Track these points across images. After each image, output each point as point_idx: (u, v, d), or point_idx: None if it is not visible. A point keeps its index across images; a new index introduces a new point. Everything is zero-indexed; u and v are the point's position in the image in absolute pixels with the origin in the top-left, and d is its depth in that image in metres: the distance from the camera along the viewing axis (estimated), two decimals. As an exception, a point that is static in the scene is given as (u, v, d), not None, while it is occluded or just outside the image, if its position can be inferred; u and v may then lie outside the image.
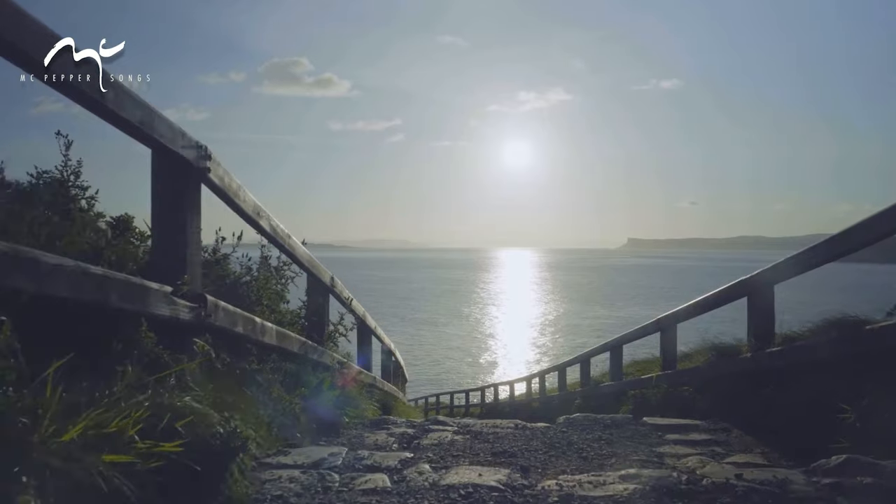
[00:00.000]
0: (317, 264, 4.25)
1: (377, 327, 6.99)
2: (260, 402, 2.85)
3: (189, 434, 1.83)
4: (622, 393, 7.76)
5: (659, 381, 6.14)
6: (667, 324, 6.26)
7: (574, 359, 10.72)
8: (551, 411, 11.79)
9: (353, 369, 5.36)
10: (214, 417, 1.97)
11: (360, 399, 4.95)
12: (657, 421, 4.27)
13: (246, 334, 2.85)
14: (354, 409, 4.12)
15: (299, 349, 3.70)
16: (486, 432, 3.92)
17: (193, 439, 1.80)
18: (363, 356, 6.70)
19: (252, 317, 2.94)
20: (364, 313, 6.09)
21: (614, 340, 8.10)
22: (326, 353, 4.36)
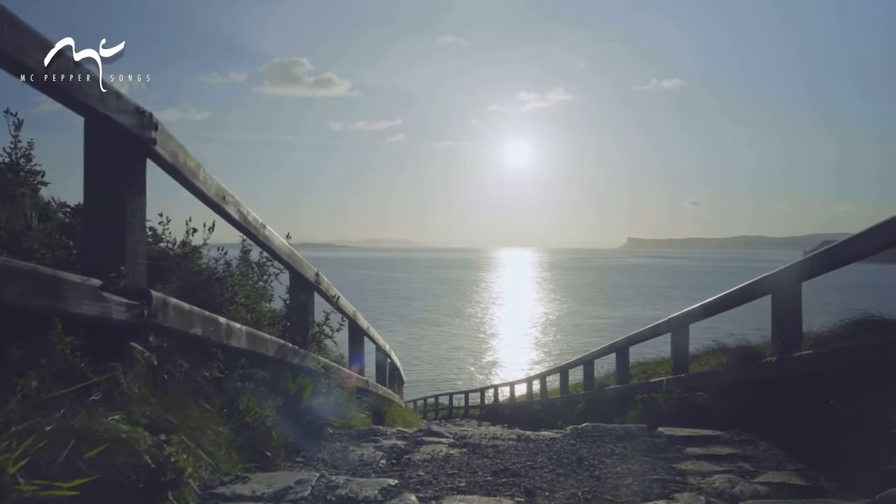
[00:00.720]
0: (298, 259, 3.85)
1: (370, 327, 6.59)
2: (222, 417, 2.45)
3: (105, 466, 1.42)
4: (629, 397, 7.36)
5: (670, 385, 5.74)
6: (679, 324, 5.86)
7: (577, 360, 10.32)
8: (553, 414, 11.39)
9: (343, 373, 4.96)
10: (143, 443, 1.56)
11: (348, 406, 4.55)
12: (674, 432, 3.87)
13: (206, 337, 2.45)
14: (340, 419, 3.72)
15: (276, 353, 3.30)
16: (486, 445, 3.52)
17: (107, 474, 1.40)
18: (355, 358, 6.30)
19: (214, 317, 2.54)
20: (355, 312, 5.70)
21: (621, 341, 7.70)
22: (310, 356, 3.96)
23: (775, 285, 4.13)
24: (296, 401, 3.43)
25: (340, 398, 4.29)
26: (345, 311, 5.13)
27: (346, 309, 5.24)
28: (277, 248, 3.44)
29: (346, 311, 5.21)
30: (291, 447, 3.09)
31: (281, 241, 3.52)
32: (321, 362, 4.15)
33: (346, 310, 5.24)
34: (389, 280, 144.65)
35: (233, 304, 3.58)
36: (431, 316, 75.46)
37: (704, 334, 7.89)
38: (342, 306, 5.01)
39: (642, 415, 6.12)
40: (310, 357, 3.98)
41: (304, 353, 3.86)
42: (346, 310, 5.24)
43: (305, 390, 3.52)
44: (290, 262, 3.72)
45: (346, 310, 5.24)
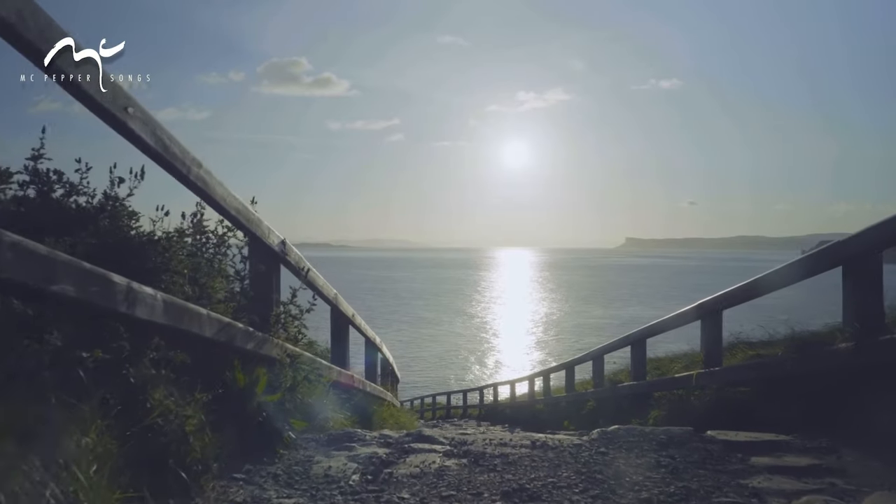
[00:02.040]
0: (255, 219, 3.05)
1: (356, 315, 5.79)
2: (110, 419, 1.65)
3: None
4: (646, 395, 6.58)
5: (702, 380, 4.95)
6: (711, 309, 5.06)
7: (585, 355, 9.52)
8: (558, 414, 10.59)
9: (318, 365, 4.15)
10: None
11: (323, 404, 3.75)
12: (728, 436, 3.07)
13: (86, 300, 1.66)
14: (303, 422, 2.91)
15: (217, 334, 2.50)
16: (491, 454, 2.72)
17: None
18: (338, 350, 5.50)
19: (100, 272, 1.75)
20: (336, 296, 4.89)
21: (637, 332, 6.90)
22: (271, 341, 3.16)
23: (848, 255, 3.34)
24: (245, 397, 2.63)
25: (312, 394, 3.49)
26: (321, 292, 4.33)
27: (324, 290, 4.44)
28: (220, 198, 2.64)
29: (323, 291, 4.41)
30: (232, 459, 2.29)
31: (227, 191, 2.72)
32: (286, 349, 3.35)
33: (323, 290, 4.43)
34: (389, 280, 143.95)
35: (166, 272, 2.78)
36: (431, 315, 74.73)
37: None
38: (318, 285, 4.20)
39: (668, 415, 5.33)
40: (271, 342, 3.17)
41: (262, 338, 3.06)
42: (323, 290, 4.43)
43: (259, 383, 2.72)
44: (242, 222, 2.93)
45: (323, 290, 4.43)
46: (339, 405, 4.85)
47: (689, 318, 5.44)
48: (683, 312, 5.52)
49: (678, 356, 10.29)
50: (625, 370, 11.20)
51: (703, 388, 4.93)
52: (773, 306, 8.96)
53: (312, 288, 4.10)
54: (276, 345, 3.27)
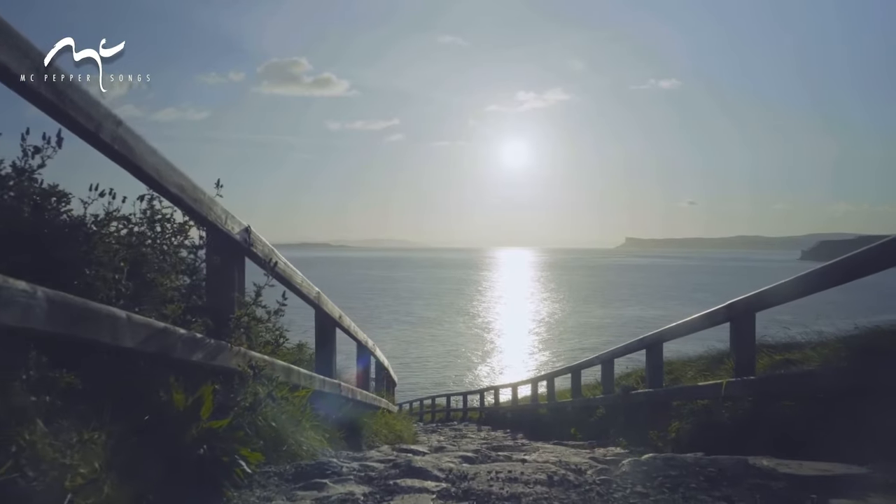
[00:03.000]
0: (206, 200, 2.46)
1: (344, 317, 5.20)
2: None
3: None
4: (664, 404, 5.99)
5: (733, 390, 4.36)
6: (743, 311, 4.48)
7: (594, 358, 8.94)
8: (563, 420, 10.01)
9: (296, 376, 3.57)
10: None
11: (298, 422, 3.16)
12: (791, 468, 2.48)
13: None
14: (258, 455, 2.31)
15: (144, 343, 1.92)
16: (499, 495, 2.13)
17: None
18: (323, 356, 4.91)
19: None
20: (319, 295, 4.31)
21: (653, 335, 6.32)
22: (228, 349, 2.58)
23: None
24: (182, 424, 2.04)
25: (282, 412, 2.91)
26: (299, 290, 3.75)
27: (303, 288, 3.85)
28: (152, 169, 2.02)
29: (302, 290, 3.82)
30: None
31: (163, 161, 2.12)
32: (250, 359, 2.77)
33: (303, 289, 3.85)
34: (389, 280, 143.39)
35: (90, 264, 2.20)
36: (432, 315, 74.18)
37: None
38: (295, 282, 3.61)
39: (693, 429, 4.75)
40: (228, 352, 2.59)
41: (214, 346, 2.47)
42: (303, 289, 3.85)
43: (203, 405, 2.13)
44: (188, 203, 2.33)
45: (303, 289, 3.85)
46: (325, 419, 4.28)
47: (716, 320, 4.85)
48: (711, 313, 4.93)
49: (692, 359, 9.70)
50: (633, 374, 10.63)
51: (736, 399, 4.35)
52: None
53: (288, 285, 3.52)
54: (236, 354, 2.68)
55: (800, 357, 6.12)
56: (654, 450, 5.47)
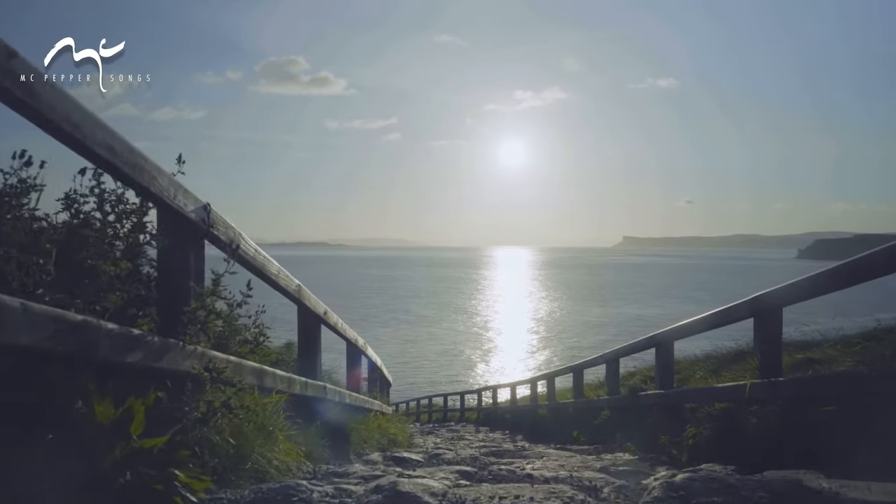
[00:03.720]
0: (148, 168, 2.02)
1: (330, 312, 4.76)
2: None
3: None
4: (677, 407, 5.58)
5: (759, 392, 3.94)
6: (769, 306, 4.05)
7: (597, 357, 8.51)
8: (565, 421, 9.59)
9: (270, 379, 3.14)
10: None
11: (269, 433, 2.72)
12: (859, 492, 2.05)
13: None
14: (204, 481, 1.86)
15: (49, 339, 1.49)
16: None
17: None
18: (306, 356, 4.47)
19: None
20: (300, 288, 3.86)
21: (664, 333, 5.90)
22: (177, 349, 2.15)
23: None
24: (106, 442, 1.61)
25: (246, 422, 2.47)
26: (275, 281, 3.31)
27: (280, 279, 3.41)
28: (64, 119, 1.60)
29: (278, 281, 3.38)
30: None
31: (85, 114, 1.69)
32: (208, 360, 2.33)
33: (280, 280, 3.41)
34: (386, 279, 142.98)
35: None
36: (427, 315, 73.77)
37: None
38: (269, 272, 3.17)
39: (713, 435, 4.32)
40: (178, 351, 2.16)
41: (160, 344, 2.04)
42: (280, 280, 3.41)
43: (134, 418, 1.69)
44: (122, 169, 1.89)
45: (280, 280, 3.41)
46: (306, 426, 3.84)
47: (737, 316, 4.42)
48: (731, 308, 4.50)
49: (699, 359, 9.28)
50: (638, 374, 10.21)
51: (763, 403, 3.92)
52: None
53: (260, 275, 3.08)
54: (190, 354, 2.25)
55: (820, 356, 5.70)
56: (668, 457, 5.05)
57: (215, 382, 2.28)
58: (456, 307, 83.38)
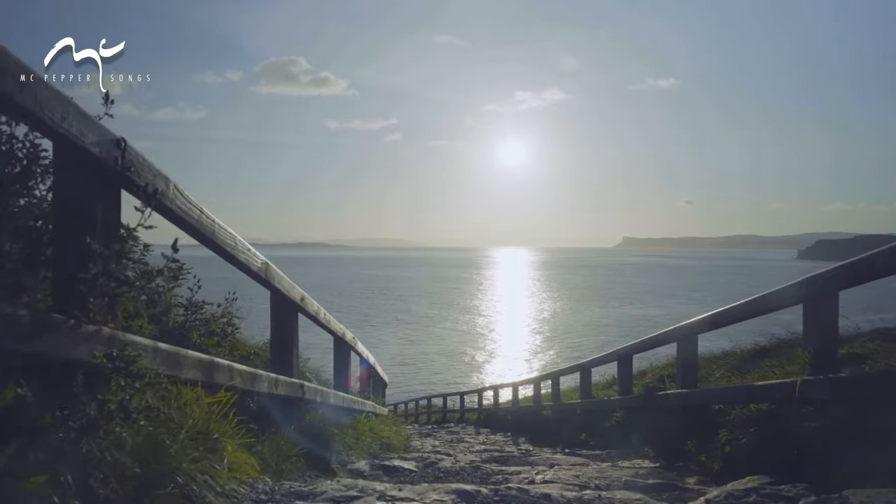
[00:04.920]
0: (37, 85, 1.42)
1: (309, 299, 4.12)
2: None
3: None
4: (702, 409, 4.96)
5: (814, 391, 3.31)
6: (823, 290, 3.43)
7: (608, 354, 7.88)
8: (572, 423, 8.96)
9: (222, 371, 2.52)
10: None
11: (200, 443, 2.09)
12: None
13: None
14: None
15: None
16: None
17: None
18: (281, 349, 3.83)
19: None
20: (267, 267, 3.23)
21: (685, 326, 5.27)
22: (69, 327, 1.54)
23: None
24: None
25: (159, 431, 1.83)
26: (231, 253, 2.68)
27: (236, 252, 2.79)
28: None
29: (236, 255, 2.76)
30: None
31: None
32: (117, 341, 1.71)
33: (236, 253, 2.78)
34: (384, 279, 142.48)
35: None
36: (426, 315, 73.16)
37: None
38: (221, 240, 2.55)
39: (755, 442, 3.69)
40: (69, 332, 1.54)
41: (31, 321, 1.42)
42: (236, 253, 2.78)
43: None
44: None
45: (236, 253, 2.78)
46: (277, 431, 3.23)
47: (785, 301, 3.78)
48: (775, 293, 3.86)
49: (716, 356, 8.65)
50: (649, 372, 9.59)
51: (817, 403, 3.30)
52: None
53: (204, 240, 2.46)
54: (88, 337, 1.62)
55: (862, 350, 5.11)
56: (697, 465, 4.43)
57: (121, 374, 1.65)
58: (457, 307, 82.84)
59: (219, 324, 4.12)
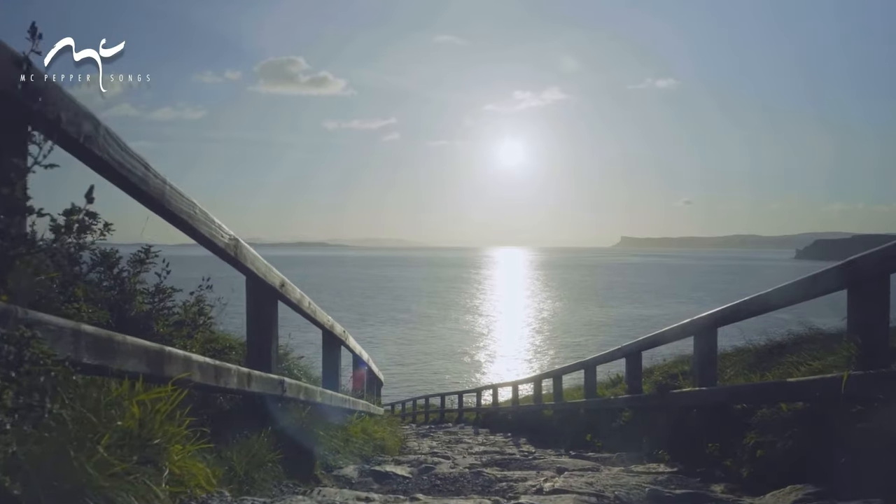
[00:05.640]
0: None
1: (290, 285, 3.68)
2: None
3: None
4: (721, 407, 4.54)
5: (860, 387, 2.89)
6: (870, 273, 3.02)
7: (615, 350, 7.45)
8: (575, 423, 8.54)
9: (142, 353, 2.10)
10: None
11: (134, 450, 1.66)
12: None
13: None
14: None
15: None
16: None
17: None
18: (258, 341, 3.40)
19: None
20: (237, 243, 2.80)
21: (705, 318, 4.84)
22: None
23: None
24: None
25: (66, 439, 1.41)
26: (191, 225, 2.26)
27: (197, 223, 2.36)
28: None
29: (195, 225, 2.34)
30: None
31: None
32: (13, 321, 1.29)
33: (196, 225, 2.36)
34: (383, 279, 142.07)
35: None
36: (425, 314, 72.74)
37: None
38: (175, 205, 2.12)
39: (794, 446, 3.27)
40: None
41: None
42: (196, 225, 2.36)
43: None
44: None
45: (196, 225, 2.36)
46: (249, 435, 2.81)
47: (826, 286, 3.35)
48: (812, 278, 3.43)
49: (727, 353, 8.23)
50: (657, 370, 9.15)
51: (867, 402, 2.88)
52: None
53: (157, 206, 2.03)
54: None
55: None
56: (722, 471, 4.00)
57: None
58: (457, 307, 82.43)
59: (190, 313, 3.70)
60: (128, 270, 3.52)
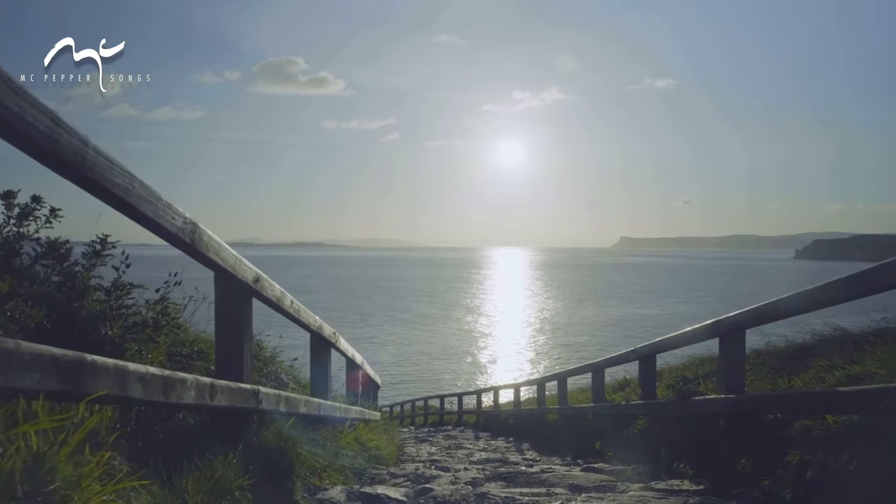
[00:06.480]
0: None
1: (264, 280, 3.21)
2: None
3: None
4: (751, 418, 4.08)
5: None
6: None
7: (628, 352, 6.96)
8: (582, 429, 8.05)
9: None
10: None
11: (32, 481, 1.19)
12: None
13: None
14: None
15: None
16: None
17: None
18: (228, 344, 2.94)
19: None
20: (194, 228, 2.32)
21: (731, 318, 4.36)
22: None
23: None
24: None
25: None
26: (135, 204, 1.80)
27: (139, 201, 1.90)
28: None
29: (138, 204, 1.87)
30: None
31: None
32: None
33: (140, 203, 1.90)
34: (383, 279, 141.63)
35: None
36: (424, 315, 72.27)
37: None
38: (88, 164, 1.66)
39: (858, 468, 2.80)
40: None
41: None
42: (140, 203, 1.90)
43: None
44: None
45: (140, 203, 1.90)
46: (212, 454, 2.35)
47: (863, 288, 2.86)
48: (878, 269, 2.94)
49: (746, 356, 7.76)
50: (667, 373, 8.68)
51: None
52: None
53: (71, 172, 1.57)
54: None
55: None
56: (761, 492, 3.55)
57: None
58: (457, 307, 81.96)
59: (153, 312, 3.24)
60: (81, 264, 3.07)
